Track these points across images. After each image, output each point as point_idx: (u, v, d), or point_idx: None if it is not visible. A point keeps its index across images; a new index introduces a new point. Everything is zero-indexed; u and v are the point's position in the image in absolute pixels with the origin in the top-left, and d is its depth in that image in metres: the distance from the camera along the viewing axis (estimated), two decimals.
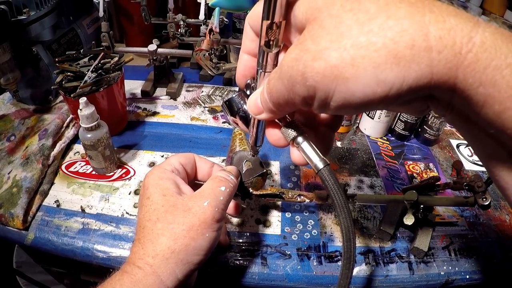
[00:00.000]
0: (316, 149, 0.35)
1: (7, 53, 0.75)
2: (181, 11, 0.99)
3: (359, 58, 0.23)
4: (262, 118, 0.35)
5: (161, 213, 0.44)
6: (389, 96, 0.24)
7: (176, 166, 0.51)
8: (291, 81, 0.27)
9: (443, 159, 0.87)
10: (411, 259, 0.64)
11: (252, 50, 0.36)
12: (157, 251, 0.42)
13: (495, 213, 0.74)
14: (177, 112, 0.94)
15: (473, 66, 0.22)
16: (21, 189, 0.67)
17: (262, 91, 0.33)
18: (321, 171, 0.34)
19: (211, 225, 0.44)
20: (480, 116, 0.23)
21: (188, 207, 0.45)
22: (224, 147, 0.83)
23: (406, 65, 0.23)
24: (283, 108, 0.32)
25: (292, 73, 0.27)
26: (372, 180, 0.78)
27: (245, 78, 0.39)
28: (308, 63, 0.25)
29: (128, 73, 0.99)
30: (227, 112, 0.44)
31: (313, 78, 0.26)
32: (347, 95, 0.25)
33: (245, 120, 0.43)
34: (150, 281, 0.41)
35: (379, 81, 0.24)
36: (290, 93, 0.28)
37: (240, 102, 0.43)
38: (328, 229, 0.67)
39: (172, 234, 0.43)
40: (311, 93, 0.27)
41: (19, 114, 0.87)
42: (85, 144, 0.68)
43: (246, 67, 0.38)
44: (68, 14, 0.92)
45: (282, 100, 0.30)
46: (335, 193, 0.34)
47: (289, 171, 0.79)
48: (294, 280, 0.60)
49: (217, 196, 0.46)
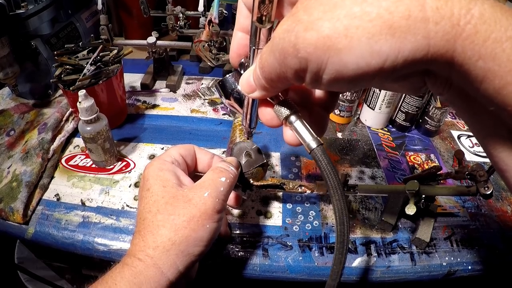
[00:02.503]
0: (310, 128, 0.34)
1: (5, 47, 0.75)
2: (180, 3, 0.98)
3: (352, 28, 0.23)
4: (255, 97, 0.34)
5: (162, 205, 0.44)
6: (383, 69, 0.23)
7: (176, 158, 0.50)
8: (283, 53, 0.26)
9: (444, 150, 0.86)
10: (413, 250, 0.64)
11: (246, 27, 0.35)
12: (157, 243, 0.42)
13: (496, 204, 0.73)
14: (177, 105, 0.94)
15: (472, 39, 0.21)
16: (21, 183, 0.67)
17: (254, 68, 0.32)
18: (314, 151, 0.33)
19: (211, 216, 0.44)
20: (479, 92, 0.23)
21: (189, 198, 0.44)
22: (224, 139, 0.83)
23: (401, 36, 0.22)
24: (276, 84, 0.31)
25: (283, 45, 0.26)
26: (373, 171, 0.78)
27: (239, 57, 0.38)
28: (300, 34, 0.25)
29: (128, 66, 0.99)
30: (221, 94, 0.43)
31: (305, 50, 0.25)
32: (340, 67, 0.24)
33: (240, 101, 0.42)
34: (151, 273, 0.40)
35: (373, 52, 0.23)
36: (282, 66, 0.27)
37: (234, 82, 0.42)
38: (329, 220, 0.67)
39: (173, 225, 0.42)
40: (303, 65, 0.26)
41: (19, 108, 0.87)
42: (85, 137, 0.67)
43: (240, 45, 0.37)
44: (67, 7, 0.91)
45: (274, 74, 0.29)
46: (328, 173, 0.33)
47: (290, 162, 0.79)
48: (296, 271, 0.60)
49: (218, 187, 0.46)
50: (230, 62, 0.40)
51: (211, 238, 0.44)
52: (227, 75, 0.42)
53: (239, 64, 0.38)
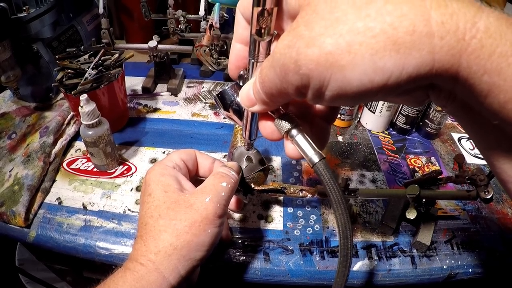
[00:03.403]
0: (311, 142, 0.34)
1: (7, 50, 0.75)
2: (181, 7, 0.98)
3: (356, 44, 0.22)
4: (255, 110, 0.34)
5: (163, 210, 0.44)
6: (387, 85, 0.23)
7: (177, 162, 0.51)
8: (284, 70, 0.26)
9: (445, 153, 0.86)
10: (414, 253, 0.64)
11: (245, 39, 0.34)
12: (159, 248, 0.42)
13: (497, 206, 0.74)
14: (178, 108, 0.94)
15: (477, 53, 0.21)
16: (23, 186, 0.67)
17: (254, 81, 0.31)
18: (317, 165, 0.33)
19: (213, 221, 0.44)
20: (483, 106, 0.22)
21: (190, 203, 0.45)
22: (225, 143, 0.83)
23: (406, 52, 0.21)
24: (276, 99, 0.30)
25: (284, 61, 0.26)
26: (374, 175, 0.78)
27: (238, 69, 0.38)
28: (302, 50, 0.24)
29: (129, 70, 0.99)
30: (220, 106, 0.42)
31: (306, 66, 0.24)
32: (343, 84, 0.24)
33: (239, 113, 0.41)
34: (153, 278, 0.41)
35: (377, 69, 0.22)
36: (283, 82, 0.27)
37: (233, 94, 0.41)
38: (330, 224, 0.67)
39: (174, 230, 0.43)
40: (305, 82, 0.25)
41: (20, 111, 0.87)
42: (87, 141, 0.68)
43: (239, 57, 0.36)
44: (68, 11, 0.92)
45: (275, 90, 0.28)
46: (331, 188, 0.32)
47: (290, 166, 0.79)
48: (297, 275, 0.60)
49: (219, 191, 0.46)
50: (229, 74, 0.39)
51: (212, 243, 0.45)
52: (226, 87, 0.41)
53: (238, 76, 0.38)
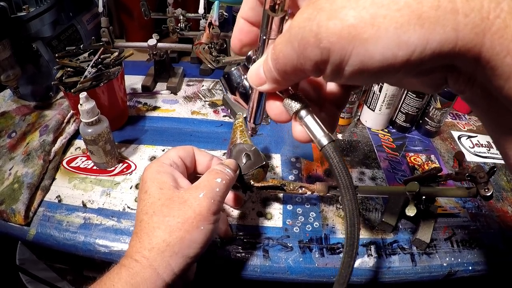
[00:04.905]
0: (321, 124, 0.32)
1: (7, 49, 0.76)
2: (181, 5, 0.98)
3: (379, 17, 0.21)
4: (264, 90, 0.32)
5: (158, 207, 0.44)
6: (410, 61, 0.22)
7: (174, 160, 0.51)
8: (303, 43, 0.25)
9: (445, 151, 0.86)
10: (414, 251, 0.64)
11: (250, 17, 0.33)
12: (152, 244, 0.42)
13: (497, 204, 0.73)
14: (177, 107, 0.94)
15: (501, 33, 0.20)
16: (23, 185, 0.67)
17: (265, 59, 0.30)
18: (325, 147, 0.31)
19: (206, 217, 0.44)
20: (503, 91, 0.22)
21: (184, 199, 0.45)
22: (225, 141, 0.83)
23: (430, 27, 0.21)
24: (289, 77, 0.29)
25: (304, 34, 0.24)
26: (373, 172, 0.78)
27: (240, 42, 0.36)
28: (323, 23, 0.23)
29: (129, 68, 0.99)
30: (226, 88, 0.41)
31: (327, 39, 0.23)
32: (365, 59, 0.23)
33: (245, 96, 0.40)
34: (147, 274, 0.41)
35: (401, 43, 0.22)
36: (300, 57, 0.26)
37: (240, 76, 0.40)
38: (329, 221, 0.67)
39: (168, 227, 0.43)
40: (325, 56, 0.24)
41: (20, 110, 0.87)
42: (86, 139, 0.68)
43: (242, 31, 0.35)
44: (68, 10, 0.92)
45: (290, 66, 0.27)
46: (340, 172, 0.31)
47: (290, 163, 0.79)
48: (296, 272, 0.60)
49: (213, 187, 0.46)
50: (231, 49, 0.37)
51: (206, 240, 0.44)
52: (232, 68, 0.40)
53: (246, 58, 0.36)
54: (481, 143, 0.90)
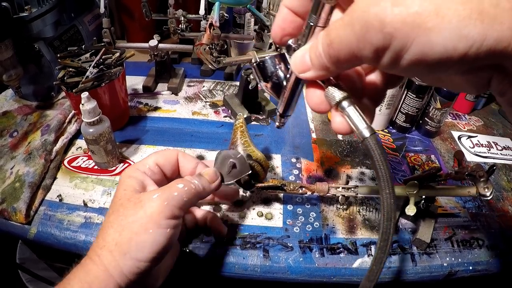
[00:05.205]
0: (363, 116, 0.32)
1: (9, 49, 0.76)
2: (182, 6, 0.99)
3: (444, 8, 0.22)
4: (308, 77, 0.32)
5: (116, 206, 0.45)
6: (467, 55, 0.22)
7: (150, 166, 0.50)
8: (366, 27, 0.24)
9: (445, 151, 0.87)
10: (414, 251, 0.64)
11: (295, 7, 0.33)
12: (104, 243, 0.42)
13: (497, 204, 0.74)
14: (178, 107, 0.95)
15: None
16: (24, 184, 0.68)
17: (314, 45, 0.30)
18: (368, 139, 0.31)
19: (157, 221, 0.43)
20: None
21: (140, 200, 0.44)
22: (225, 141, 0.83)
23: (489, 23, 0.21)
24: (341, 64, 0.29)
25: (368, 18, 0.24)
26: (373, 173, 0.78)
27: (282, 32, 0.35)
28: (388, 9, 0.23)
29: (130, 69, 0.99)
30: (259, 77, 0.40)
31: (391, 25, 0.23)
32: (425, 48, 0.23)
33: (278, 86, 0.39)
34: (99, 272, 0.41)
35: (462, 36, 0.22)
36: (360, 41, 0.25)
37: (275, 65, 0.38)
38: (330, 221, 0.67)
39: (119, 226, 0.43)
40: (387, 42, 0.24)
41: (22, 110, 0.88)
42: (88, 138, 0.68)
43: (286, 20, 0.35)
44: (70, 11, 0.92)
45: (346, 51, 0.27)
46: (381, 164, 0.31)
47: (290, 163, 0.79)
48: (296, 272, 0.60)
49: (171, 191, 0.45)
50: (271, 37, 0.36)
51: (157, 245, 0.43)
52: (267, 57, 0.39)
53: (287, 46, 0.36)
54: (481, 143, 0.90)
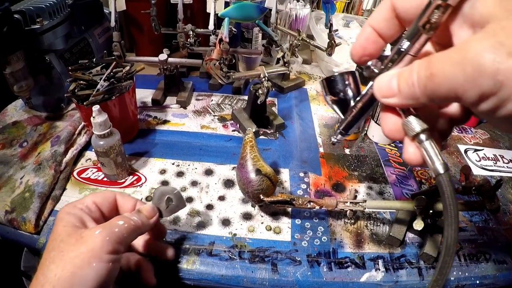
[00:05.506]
0: (439, 151, 0.32)
1: (21, 61, 0.77)
2: (190, 21, 1.00)
3: None
4: (391, 103, 0.32)
5: (57, 242, 0.45)
6: None
7: (88, 205, 0.51)
8: (478, 70, 0.25)
9: (451, 165, 0.87)
10: (421, 265, 0.64)
11: (381, 29, 0.34)
12: (46, 279, 0.42)
13: (504, 217, 0.74)
14: (187, 121, 0.95)
15: None
16: (34, 194, 0.68)
17: (405, 73, 0.30)
18: (442, 176, 0.31)
19: (99, 255, 0.43)
20: None
21: (81, 236, 0.45)
22: (234, 155, 0.84)
23: None
24: (435, 98, 0.29)
25: (482, 61, 0.25)
26: (381, 187, 0.79)
27: (363, 51, 0.36)
28: (503, 58, 0.24)
29: (139, 82, 1.00)
30: (326, 91, 0.39)
31: (504, 73, 0.24)
32: None
33: (344, 103, 0.39)
34: None
35: None
36: (467, 83, 0.26)
37: (344, 83, 0.39)
38: (338, 235, 0.67)
39: (61, 261, 0.43)
40: (496, 89, 0.25)
41: (32, 120, 0.89)
42: (98, 151, 0.69)
43: (369, 40, 0.35)
44: (80, 24, 0.94)
45: (447, 88, 0.27)
46: (451, 202, 0.31)
47: (298, 178, 0.79)
48: (305, 286, 0.60)
49: (112, 227, 0.47)
50: (350, 54, 0.37)
51: (99, 280, 0.43)
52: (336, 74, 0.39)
53: (366, 67, 0.36)
54: (488, 156, 0.91)
